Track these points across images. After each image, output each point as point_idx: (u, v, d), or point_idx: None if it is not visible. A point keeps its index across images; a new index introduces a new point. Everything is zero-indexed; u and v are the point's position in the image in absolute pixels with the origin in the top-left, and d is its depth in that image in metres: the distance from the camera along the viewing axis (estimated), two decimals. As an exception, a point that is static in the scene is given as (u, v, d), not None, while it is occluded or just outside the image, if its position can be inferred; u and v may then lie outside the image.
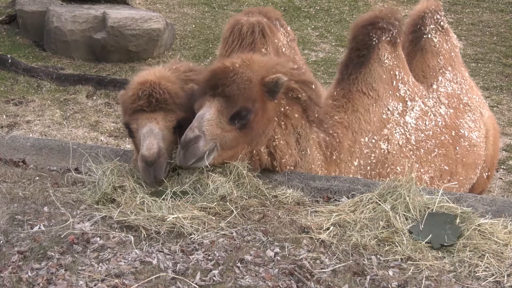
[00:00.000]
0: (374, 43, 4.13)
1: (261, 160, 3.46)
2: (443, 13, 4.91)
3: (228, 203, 3.11)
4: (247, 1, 13.85)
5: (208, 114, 3.23)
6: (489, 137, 4.93)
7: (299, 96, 3.47)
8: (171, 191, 3.17)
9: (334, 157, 3.88)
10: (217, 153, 3.25)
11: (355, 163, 3.97)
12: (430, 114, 4.39)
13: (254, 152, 3.43)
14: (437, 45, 4.74)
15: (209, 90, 3.29)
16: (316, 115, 3.60)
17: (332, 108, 4.09)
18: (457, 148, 4.46)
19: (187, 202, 3.11)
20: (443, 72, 4.72)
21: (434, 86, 4.62)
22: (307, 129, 3.61)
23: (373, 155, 4.02)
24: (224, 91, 3.25)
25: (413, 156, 4.14)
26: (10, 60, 9.62)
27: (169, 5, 13.56)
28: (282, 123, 3.48)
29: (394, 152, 4.08)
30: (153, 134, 3.28)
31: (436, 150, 4.30)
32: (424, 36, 4.72)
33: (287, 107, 3.48)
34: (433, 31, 4.74)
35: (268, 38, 4.31)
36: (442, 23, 4.82)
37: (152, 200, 3.09)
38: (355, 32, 4.24)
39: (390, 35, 4.19)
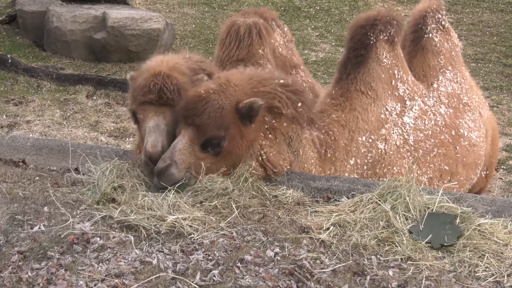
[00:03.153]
0: (371, 42, 4.12)
1: (257, 173, 3.42)
2: (444, 12, 4.89)
3: (231, 202, 3.10)
4: (247, 1, 13.85)
5: (180, 143, 3.26)
6: (487, 137, 4.93)
7: (284, 112, 3.41)
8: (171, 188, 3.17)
9: (329, 155, 3.86)
10: (195, 180, 3.25)
11: (351, 162, 3.96)
12: (430, 114, 4.38)
13: None
14: (438, 45, 4.72)
15: (183, 119, 3.31)
16: (306, 117, 3.55)
17: (329, 106, 4.08)
18: (457, 147, 4.44)
19: (188, 197, 3.12)
20: (444, 71, 4.70)
21: (435, 85, 4.61)
22: (298, 131, 3.59)
23: (370, 154, 4.02)
24: (194, 121, 3.26)
25: (410, 157, 4.13)
26: (10, 60, 9.61)
27: (169, 5, 13.56)
28: (270, 135, 3.45)
29: (391, 152, 4.07)
30: (159, 130, 3.37)
31: (435, 149, 4.29)
32: (425, 36, 4.71)
33: (274, 121, 3.44)
34: (434, 31, 4.73)
35: (265, 39, 4.33)
36: (443, 22, 4.81)
37: (153, 197, 3.08)
38: (353, 31, 4.23)
39: (388, 34, 4.18)
